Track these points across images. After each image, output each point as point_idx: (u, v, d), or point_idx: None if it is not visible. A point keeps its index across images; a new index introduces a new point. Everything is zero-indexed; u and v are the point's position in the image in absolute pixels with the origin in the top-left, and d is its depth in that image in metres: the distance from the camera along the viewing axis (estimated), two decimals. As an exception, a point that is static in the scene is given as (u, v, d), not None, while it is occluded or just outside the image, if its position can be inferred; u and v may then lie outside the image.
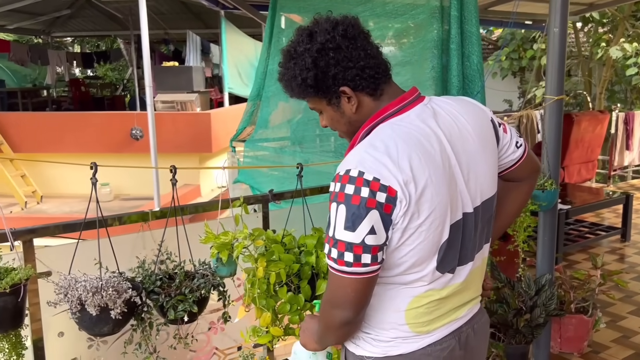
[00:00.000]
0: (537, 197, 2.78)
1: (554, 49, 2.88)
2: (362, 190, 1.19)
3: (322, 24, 1.30)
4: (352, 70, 1.29)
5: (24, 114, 10.83)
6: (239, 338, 2.84)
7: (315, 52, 1.28)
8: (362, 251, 1.21)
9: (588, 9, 7.39)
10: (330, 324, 1.33)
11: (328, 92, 1.32)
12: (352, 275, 1.23)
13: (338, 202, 1.21)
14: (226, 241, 1.90)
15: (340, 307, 1.27)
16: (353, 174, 1.21)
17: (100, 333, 1.75)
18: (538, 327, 2.89)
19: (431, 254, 1.30)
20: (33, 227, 1.94)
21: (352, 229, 1.20)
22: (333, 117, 1.37)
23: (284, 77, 1.36)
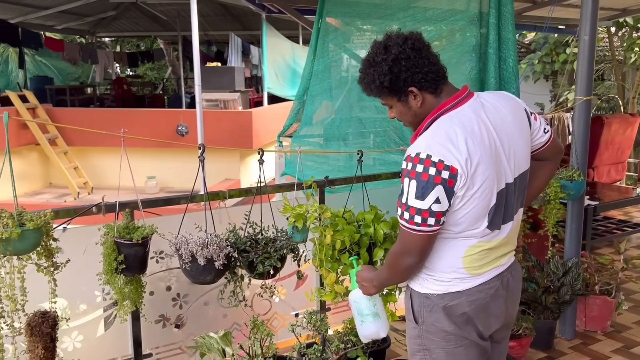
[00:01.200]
0: (566, 187, 3.11)
1: (583, 54, 3.20)
2: (429, 170, 1.57)
3: (394, 38, 1.69)
4: (418, 75, 1.67)
5: (77, 109, 11.43)
6: (296, 306, 3.24)
7: (390, 61, 1.67)
8: (429, 215, 1.60)
9: (621, 14, 7.59)
10: (399, 267, 1.74)
11: (399, 91, 1.70)
12: (419, 232, 1.63)
13: (410, 178, 1.60)
14: (301, 212, 2.29)
15: (410, 254, 1.68)
16: (422, 156, 1.59)
17: (204, 281, 2.15)
18: (564, 304, 3.21)
19: (482, 215, 1.68)
20: (142, 199, 2.37)
21: (421, 198, 1.59)
22: (402, 111, 1.76)
23: (363, 81, 1.76)
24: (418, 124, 1.76)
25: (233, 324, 3.03)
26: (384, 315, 1.98)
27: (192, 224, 2.46)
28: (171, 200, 2.69)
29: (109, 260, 2.03)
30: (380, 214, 2.54)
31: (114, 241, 2.05)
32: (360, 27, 5.21)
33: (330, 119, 5.22)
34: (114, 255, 2.03)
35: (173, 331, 2.87)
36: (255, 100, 12.07)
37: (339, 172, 4.54)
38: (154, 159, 9.72)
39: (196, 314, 2.92)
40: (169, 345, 2.87)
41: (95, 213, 2.42)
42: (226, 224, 2.67)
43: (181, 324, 2.88)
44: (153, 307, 2.79)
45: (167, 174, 9.65)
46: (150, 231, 2.11)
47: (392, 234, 2.50)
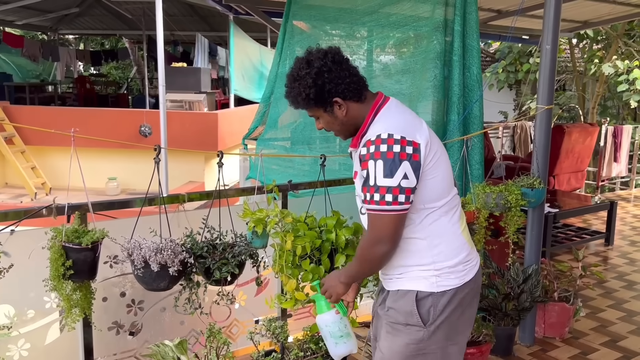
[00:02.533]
0: (527, 194, 3.13)
1: (545, 64, 3.23)
2: (393, 147, 1.64)
3: (315, 53, 1.78)
4: (341, 86, 1.76)
5: (36, 108, 11.10)
6: (256, 312, 3.17)
7: (314, 74, 1.75)
8: (399, 192, 1.64)
9: (583, 26, 7.78)
10: (372, 257, 1.73)
11: (324, 102, 1.78)
12: (391, 212, 1.65)
13: (375, 159, 1.65)
14: (261, 217, 2.23)
15: (383, 240, 1.69)
16: (384, 136, 1.66)
17: (158, 288, 2.07)
18: (524, 310, 3.23)
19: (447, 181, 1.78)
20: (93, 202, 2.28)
21: (390, 175, 1.63)
22: (329, 121, 1.83)
23: (290, 95, 1.82)
24: (347, 132, 1.84)
25: (190, 331, 2.94)
26: (352, 331, 1.96)
27: (148, 228, 2.38)
28: (127, 202, 2.60)
29: (56, 266, 1.93)
30: (343, 219, 2.51)
31: (62, 245, 1.95)
32: (329, 31, 5.19)
33: (296, 123, 5.19)
34: (62, 260, 1.94)
35: (127, 338, 2.78)
36: (222, 102, 11.93)
37: (304, 176, 4.50)
38: (116, 159, 9.51)
39: (152, 321, 2.83)
40: (123, 353, 2.78)
41: (46, 215, 2.32)
42: (184, 227, 2.60)
43: (136, 331, 2.78)
44: (106, 314, 2.69)
45: (129, 175, 9.45)
46: (101, 235, 2.02)
47: (354, 240, 2.47)
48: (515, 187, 3.12)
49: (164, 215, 2.24)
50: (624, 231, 6.22)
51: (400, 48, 4.46)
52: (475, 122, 3.67)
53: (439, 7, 3.87)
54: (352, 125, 1.82)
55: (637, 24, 11.24)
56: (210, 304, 2.87)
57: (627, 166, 8.44)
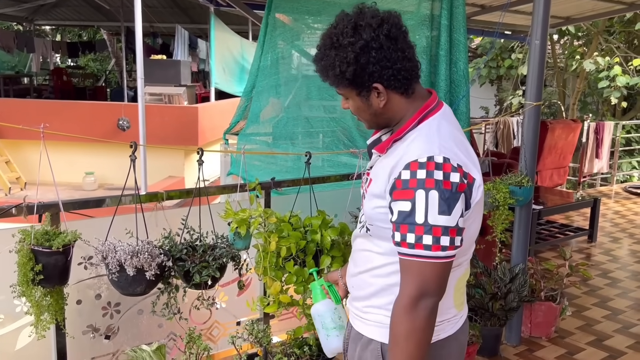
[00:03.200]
0: (515, 193, 3.07)
1: (534, 59, 3.17)
2: (451, 176, 1.28)
3: (368, 18, 1.35)
4: (388, 71, 1.35)
5: (11, 100, 10.82)
6: (238, 314, 3.07)
7: (358, 48, 1.33)
8: (456, 234, 1.27)
9: (565, 22, 7.78)
10: (420, 321, 1.29)
11: (362, 85, 1.38)
12: (443, 260, 1.28)
13: (427, 189, 1.26)
14: (244, 217, 2.13)
15: (431, 294, 1.29)
16: (438, 161, 1.28)
17: (134, 293, 1.96)
18: (511, 310, 3.18)
19: (475, 236, 1.45)
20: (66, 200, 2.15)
21: (447, 212, 1.26)
22: (360, 107, 1.44)
23: (320, 62, 1.40)
24: (376, 124, 1.49)
25: (169, 333, 2.82)
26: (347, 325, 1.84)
27: (125, 228, 2.27)
28: (102, 201, 2.48)
29: (25, 271, 1.80)
30: (328, 219, 2.41)
31: (31, 249, 1.83)
32: (311, 25, 5.10)
33: (279, 118, 5.08)
34: (31, 265, 1.81)
35: (103, 342, 2.66)
36: (203, 96, 11.76)
37: (287, 172, 4.40)
38: (93, 153, 9.29)
39: (129, 324, 2.71)
40: (98, 358, 2.66)
41: (15, 215, 2.19)
42: (163, 227, 2.49)
43: (112, 335, 2.67)
44: (81, 317, 2.56)
45: (107, 169, 9.24)
46: (73, 237, 1.90)
47: (340, 241, 2.38)
48: (503, 185, 3.06)
49: (140, 215, 2.13)
50: (606, 227, 6.24)
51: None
52: (462, 119, 3.61)
53: (424, 1, 3.79)
54: (386, 119, 1.45)
55: (617, 21, 11.32)
56: (190, 305, 2.77)
57: (608, 162, 8.49)
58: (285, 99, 5.09)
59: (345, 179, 3.18)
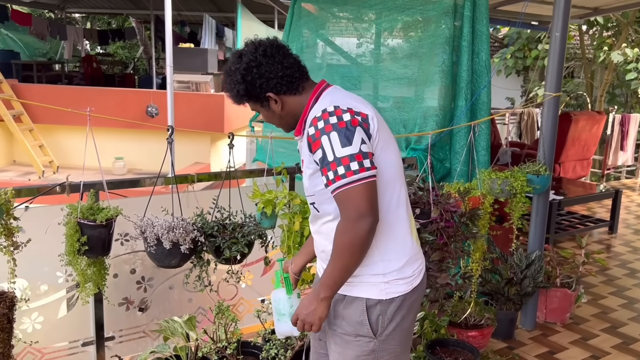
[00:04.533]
0: (532, 181, 3.16)
1: (554, 51, 3.24)
2: (343, 116, 1.56)
3: (248, 46, 1.69)
4: (272, 80, 1.66)
5: (43, 86, 11.11)
6: (262, 292, 3.23)
7: (242, 70, 1.66)
8: (362, 157, 1.53)
9: (593, 13, 7.71)
10: (356, 240, 1.53)
11: (258, 98, 1.69)
12: (362, 181, 1.52)
13: (327, 133, 1.54)
14: (270, 198, 2.28)
15: (364, 214, 1.52)
16: (330, 109, 1.57)
17: (169, 265, 2.12)
18: (526, 295, 3.28)
19: (398, 165, 1.69)
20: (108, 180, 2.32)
21: (349, 144, 1.53)
22: (267, 115, 1.75)
23: (225, 90, 1.75)
24: (287, 125, 1.76)
25: (198, 308, 3.01)
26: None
27: (159, 207, 2.43)
28: (138, 182, 2.64)
29: (72, 242, 1.98)
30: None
31: (77, 222, 2.00)
32: (337, 13, 5.18)
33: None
34: (77, 237, 1.98)
35: (137, 314, 2.84)
36: (228, 84, 11.90)
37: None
38: (122, 139, 9.54)
39: (161, 298, 2.89)
40: (132, 328, 2.84)
41: (59, 193, 2.37)
42: (194, 207, 2.65)
43: (145, 307, 2.85)
44: (117, 290, 2.75)
45: (135, 155, 9.50)
46: (115, 213, 2.06)
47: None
48: (520, 173, 3.14)
49: (175, 195, 2.29)
50: (628, 220, 6.25)
51: (407, 32, 4.45)
52: (483, 108, 3.69)
53: (448, -8, 3.86)
54: (292, 118, 1.72)
55: (648, 12, 11.13)
56: (218, 282, 2.93)
57: (633, 155, 8.44)
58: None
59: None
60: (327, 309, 1.63)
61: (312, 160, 1.61)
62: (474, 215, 2.79)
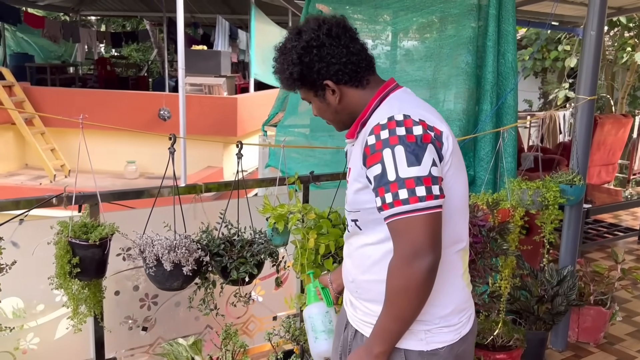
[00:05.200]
0: (566, 192, 2.93)
1: (589, 51, 3.01)
2: (414, 129, 1.29)
3: (310, 22, 1.44)
4: (334, 66, 1.41)
5: (56, 89, 11.04)
6: (274, 309, 3.03)
7: (300, 49, 1.41)
8: (431, 182, 1.26)
9: (617, 12, 7.44)
10: (413, 283, 1.27)
11: (314, 84, 1.44)
12: (426, 211, 1.25)
13: (392, 146, 1.28)
14: (283, 213, 2.08)
15: (423, 252, 1.26)
16: (399, 118, 1.31)
17: (171, 288, 1.93)
18: (558, 314, 3.04)
19: (464, 197, 1.43)
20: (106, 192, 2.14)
21: (417, 163, 1.26)
22: (320, 107, 1.50)
23: (276, 71, 1.50)
24: (341, 122, 1.51)
25: (206, 327, 2.81)
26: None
27: (165, 220, 2.24)
28: (141, 192, 2.46)
29: (62, 263, 1.79)
30: (369, 216, 2.33)
31: (68, 241, 1.81)
32: (351, 15, 4.99)
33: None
34: (68, 257, 1.80)
35: (140, 334, 2.66)
36: (242, 86, 11.77)
37: (325, 166, 4.33)
38: (134, 143, 9.41)
39: (166, 316, 2.70)
40: (135, 349, 2.66)
41: (56, 205, 2.19)
42: (201, 220, 2.46)
43: (149, 326, 2.66)
44: (119, 308, 2.57)
45: (148, 158, 9.36)
46: (110, 231, 1.87)
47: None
48: (553, 183, 2.91)
49: (178, 208, 2.09)
50: (658, 228, 5.95)
51: (424, 33, 4.26)
52: (509, 113, 3.46)
53: (471, -10, 3.65)
54: (348, 115, 1.48)
55: (673, 12, 10.78)
56: (227, 299, 2.74)
57: (660, 160, 8.12)
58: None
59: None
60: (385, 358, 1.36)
61: (364, 174, 1.35)
62: (504, 230, 2.57)
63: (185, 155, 6.97)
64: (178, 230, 2.17)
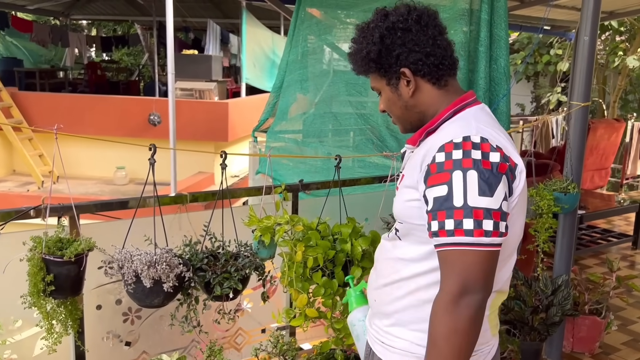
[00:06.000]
0: (560, 200, 2.87)
1: (582, 56, 2.95)
2: (491, 155, 1.16)
3: (400, 7, 1.34)
4: (416, 54, 1.30)
5: (45, 94, 10.93)
6: (263, 321, 2.95)
7: (385, 29, 1.31)
8: (500, 218, 1.14)
9: (608, 17, 7.43)
10: (463, 319, 1.13)
11: (389, 70, 1.33)
12: (488, 248, 1.13)
13: (464, 169, 1.15)
14: (269, 225, 2.00)
15: (476, 289, 1.13)
16: (475, 140, 1.18)
17: (151, 305, 1.85)
18: (553, 325, 2.98)
19: (518, 242, 1.31)
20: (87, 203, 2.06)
21: (489, 193, 1.13)
22: (390, 98, 1.38)
23: (352, 51, 1.39)
24: (408, 121, 1.38)
25: (192, 341, 2.72)
26: None
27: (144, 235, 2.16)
28: (126, 203, 2.38)
29: (35, 281, 1.71)
30: (359, 227, 2.27)
31: (42, 258, 1.73)
32: (343, 19, 4.94)
33: (308, 115, 4.94)
34: (42, 275, 1.71)
35: (123, 349, 2.57)
36: (234, 91, 11.70)
37: (316, 173, 4.26)
38: (124, 148, 9.27)
39: (150, 330, 2.62)
40: (118, 364, 2.57)
41: (34, 217, 2.10)
42: (187, 231, 2.38)
43: (132, 341, 2.57)
44: (101, 323, 2.48)
45: (138, 164, 9.22)
46: (87, 246, 1.79)
47: (371, 251, 2.22)
48: (547, 191, 2.86)
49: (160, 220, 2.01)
50: (651, 233, 5.91)
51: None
52: (503, 119, 3.41)
53: (463, -5, 3.60)
54: (417, 114, 1.36)
55: (664, 16, 10.82)
56: (213, 312, 2.66)
57: (652, 164, 8.10)
58: (314, 95, 4.94)
59: (376, 181, 3.02)
60: None
61: (421, 191, 1.23)
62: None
63: (175, 162, 6.89)
64: (160, 243, 2.09)
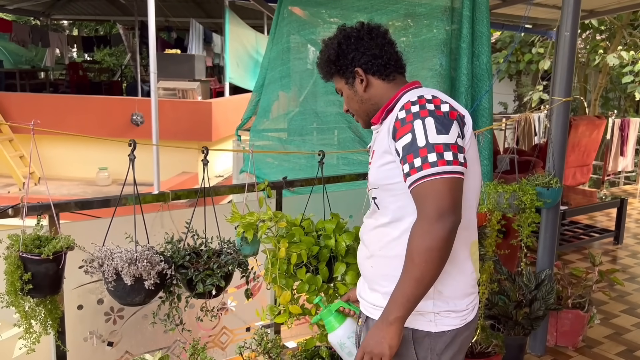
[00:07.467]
0: (542, 195, 2.88)
1: (563, 52, 2.98)
2: (442, 106, 1.41)
3: (357, 23, 1.62)
4: (366, 56, 1.57)
5: (26, 95, 10.77)
6: (248, 319, 2.92)
7: (342, 37, 1.60)
8: (458, 150, 1.37)
9: (589, 15, 7.51)
10: (438, 239, 1.32)
11: (346, 70, 1.60)
12: (452, 175, 1.35)
13: (422, 118, 1.39)
14: (252, 221, 1.98)
15: (447, 213, 1.33)
16: (428, 97, 1.43)
17: (133, 303, 1.82)
18: (537, 319, 3.00)
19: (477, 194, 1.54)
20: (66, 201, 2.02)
21: (445, 132, 1.37)
22: (348, 95, 1.63)
23: (318, 60, 1.67)
24: (366, 114, 1.63)
25: (175, 341, 2.69)
26: None
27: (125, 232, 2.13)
28: (107, 202, 2.34)
29: (12, 280, 1.67)
30: (343, 222, 2.26)
31: (19, 256, 1.69)
32: (327, 19, 4.93)
33: (292, 114, 4.93)
34: (19, 273, 1.68)
35: (105, 349, 2.53)
36: (217, 90, 11.64)
37: (300, 170, 4.24)
38: (107, 149, 9.17)
39: (133, 330, 2.58)
40: (100, 365, 2.53)
41: (12, 216, 2.06)
42: (170, 229, 2.35)
43: (115, 341, 2.54)
44: (82, 323, 2.44)
45: (121, 165, 9.09)
46: (66, 244, 1.76)
47: (355, 246, 2.21)
48: (530, 186, 2.87)
49: (140, 218, 1.98)
50: (632, 228, 6.00)
51: (400, 36, 4.21)
52: (485, 115, 3.42)
53: (444, -8, 3.61)
54: (372, 106, 1.60)
55: (643, 14, 10.97)
56: (196, 311, 2.63)
57: (633, 160, 8.21)
58: (299, 94, 4.93)
59: (360, 178, 3.02)
60: (398, 335, 1.36)
61: (392, 149, 1.44)
62: (481, 234, 2.51)
63: (158, 161, 6.82)
64: (142, 241, 2.07)
